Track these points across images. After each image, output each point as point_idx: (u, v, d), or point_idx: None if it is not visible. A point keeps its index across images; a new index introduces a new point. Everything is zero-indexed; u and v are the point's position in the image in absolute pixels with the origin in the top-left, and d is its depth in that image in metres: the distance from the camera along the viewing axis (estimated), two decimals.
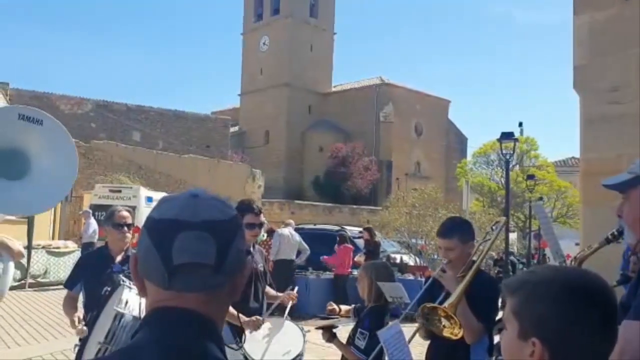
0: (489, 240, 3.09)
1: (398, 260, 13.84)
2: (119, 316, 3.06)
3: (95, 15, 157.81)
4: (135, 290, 3.10)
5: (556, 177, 27.24)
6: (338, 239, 11.82)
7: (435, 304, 2.54)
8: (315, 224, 16.64)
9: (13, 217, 13.25)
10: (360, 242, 12.52)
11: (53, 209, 18.65)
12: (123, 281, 3.18)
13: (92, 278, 3.57)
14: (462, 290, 2.48)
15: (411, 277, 11.70)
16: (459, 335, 2.49)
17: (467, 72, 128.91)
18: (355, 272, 11.16)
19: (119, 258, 3.69)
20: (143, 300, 3.03)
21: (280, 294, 4.03)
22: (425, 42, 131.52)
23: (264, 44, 51.83)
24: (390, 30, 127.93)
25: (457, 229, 2.88)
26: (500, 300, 2.98)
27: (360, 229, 13.51)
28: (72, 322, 3.61)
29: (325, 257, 11.69)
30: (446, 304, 2.48)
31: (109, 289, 3.28)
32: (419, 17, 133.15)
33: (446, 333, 2.50)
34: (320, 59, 51.50)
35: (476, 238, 3.00)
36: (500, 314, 3.88)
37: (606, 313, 1.06)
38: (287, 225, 11.79)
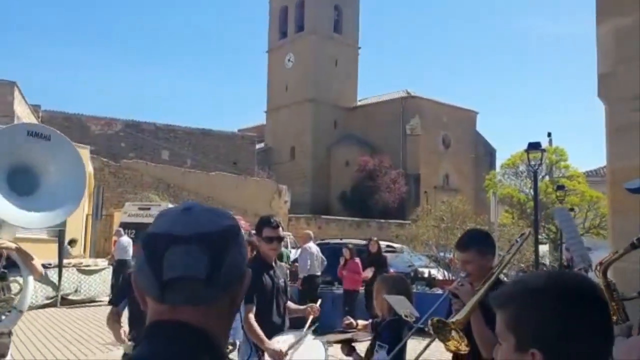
0: (511, 252, 3.04)
1: (426, 275, 13.69)
2: None
3: (123, 37, 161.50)
4: None
5: (587, 187, 26.66)
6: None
7: (443, 319, 2.51)
8: (341, 239, 16.59)
9: (44, 236, 13.66)
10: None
11: (84, 227, 19.05)
12: None
13: (136, 297, 3.61)
14: (474, 304, 2.44)
15: (440, 291, 11.54)
16: (465, 351, 2.44)
17: (494, 82, 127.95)
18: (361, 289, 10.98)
19: None
20: None
21: (302, 307, 4.02)
22: (451, 54, 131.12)
23: (289, 60, 52.31)
24: (415, 43, 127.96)
25: (475, 242, 2.83)
26: None
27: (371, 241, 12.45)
28: (118, 336, 3.71)
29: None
30: (454, 319, 2.44)
31: None
32: (444, 29, 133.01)
33: (452, 347, 2.46)
34: (345, 73, 51.71)
35: (503, 250, 2.94)
36: None
37: (601, 313, 1.05)
38: (309, 238, 11.68)
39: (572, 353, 1.01)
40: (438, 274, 13.91)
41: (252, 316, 3.49)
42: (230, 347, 4.23)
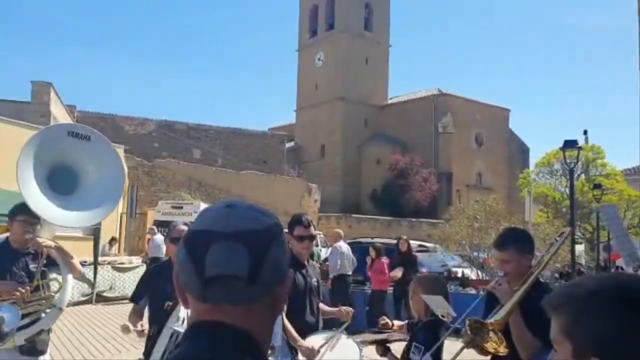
0: (550, 252, 2.95)
1: (460, 274, 13.53)
2: (175, 335, 3.08)
3: (154, 38, 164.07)
4: None
5: (626, 185, 25.97)
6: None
7: (481, 319, 2.43)
8: (372, 238, 16.50)
9: (79, 234, 13.92)
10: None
11: (118, 226, 19.37)
12: None
13: (157, 292, 3.62)
14: (513, 304, 2.36)
15: (473, 291, 11.37)
16: (503, 353, 2.37)
17: (527, 80, 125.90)
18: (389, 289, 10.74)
19: None
20: None
21: (334, 309, 3.99)
22: (482, 51, 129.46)
23: (319, 59, 52.27)
24: (446, 40, 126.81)
25: (514, 240, 2.75)
26: None
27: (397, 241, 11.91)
28: (137, 331, 3.72)
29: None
30: (492, 319, 2.37)
31: (170, 303, 3.32)
32: (475, 26, 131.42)
33: (490, 348, 2.39)
34: (376, 71, 51.42)
35: (539, 250, 2.86)
36: None
37: None
38: (339, 237, 11.40)
39: (636, 358, 0.94)
40: (471, 274, 13.73)
41: (284, 315, 3.47)
42: (270, 351, 4.22)
